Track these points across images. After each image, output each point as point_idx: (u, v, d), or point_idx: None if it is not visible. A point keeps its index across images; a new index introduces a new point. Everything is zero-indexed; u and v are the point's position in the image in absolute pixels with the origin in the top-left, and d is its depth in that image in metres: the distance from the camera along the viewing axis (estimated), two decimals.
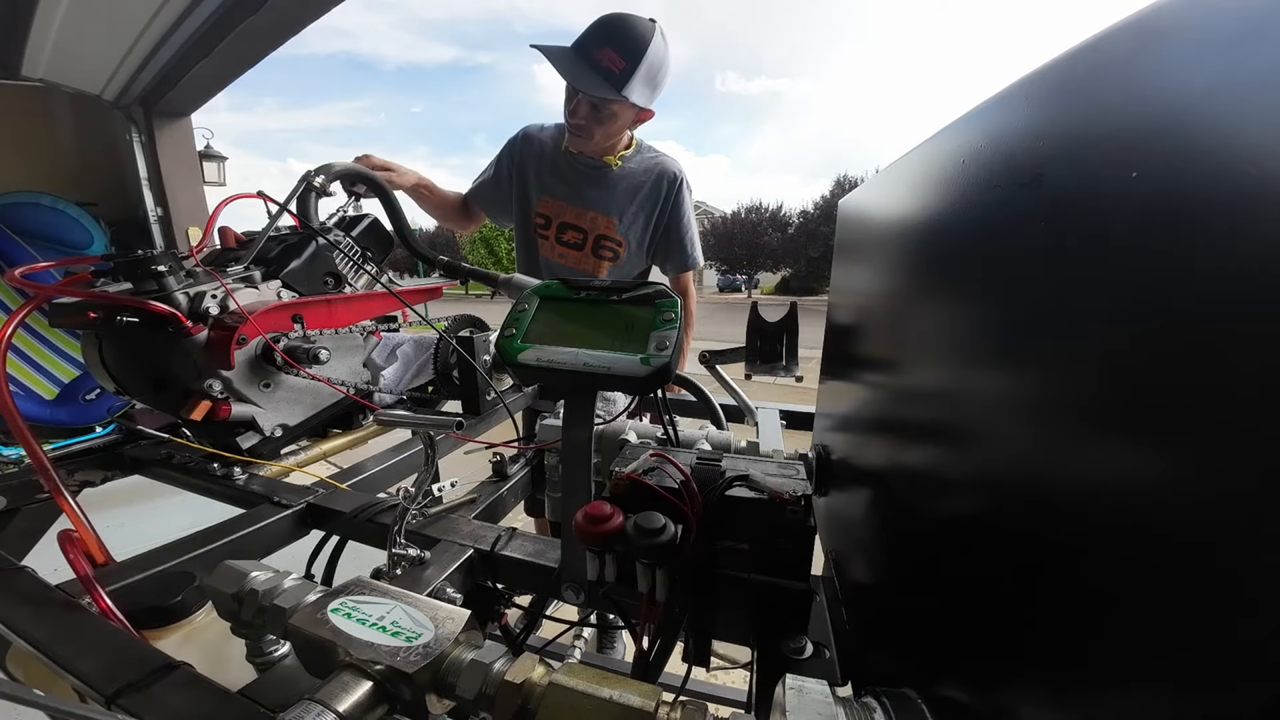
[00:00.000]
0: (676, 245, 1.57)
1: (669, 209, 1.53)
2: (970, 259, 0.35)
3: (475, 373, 1.02)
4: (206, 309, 0.77)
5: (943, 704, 0.31)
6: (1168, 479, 0.17)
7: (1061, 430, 0.23)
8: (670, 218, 1.54)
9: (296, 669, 0.47)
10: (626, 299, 0.55)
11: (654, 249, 1.58)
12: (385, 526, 0.61)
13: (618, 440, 0.82)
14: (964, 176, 0.37)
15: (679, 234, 1.56)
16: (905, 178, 0.53)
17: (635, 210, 1.51)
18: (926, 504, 0.38)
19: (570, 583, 0.57)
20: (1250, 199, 0.15)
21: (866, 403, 0.59)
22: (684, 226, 1.56)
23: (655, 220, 1.53)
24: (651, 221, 1.53)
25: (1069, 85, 0.26)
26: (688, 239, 1.58)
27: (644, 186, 1.50)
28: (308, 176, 1.03)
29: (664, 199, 1.51)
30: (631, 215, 1.51)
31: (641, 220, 1.52)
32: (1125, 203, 0.20)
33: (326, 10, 2.11)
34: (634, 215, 1.51)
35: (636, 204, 1.50)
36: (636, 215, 1.51)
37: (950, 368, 0.36)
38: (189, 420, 0.77)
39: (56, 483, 0.62)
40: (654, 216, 1.52)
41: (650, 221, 1.53)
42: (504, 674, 0.35)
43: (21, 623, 0.46)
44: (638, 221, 1.52)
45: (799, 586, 0.48)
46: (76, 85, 2.64)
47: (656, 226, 1.54)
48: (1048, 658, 0.22)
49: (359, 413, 1.04)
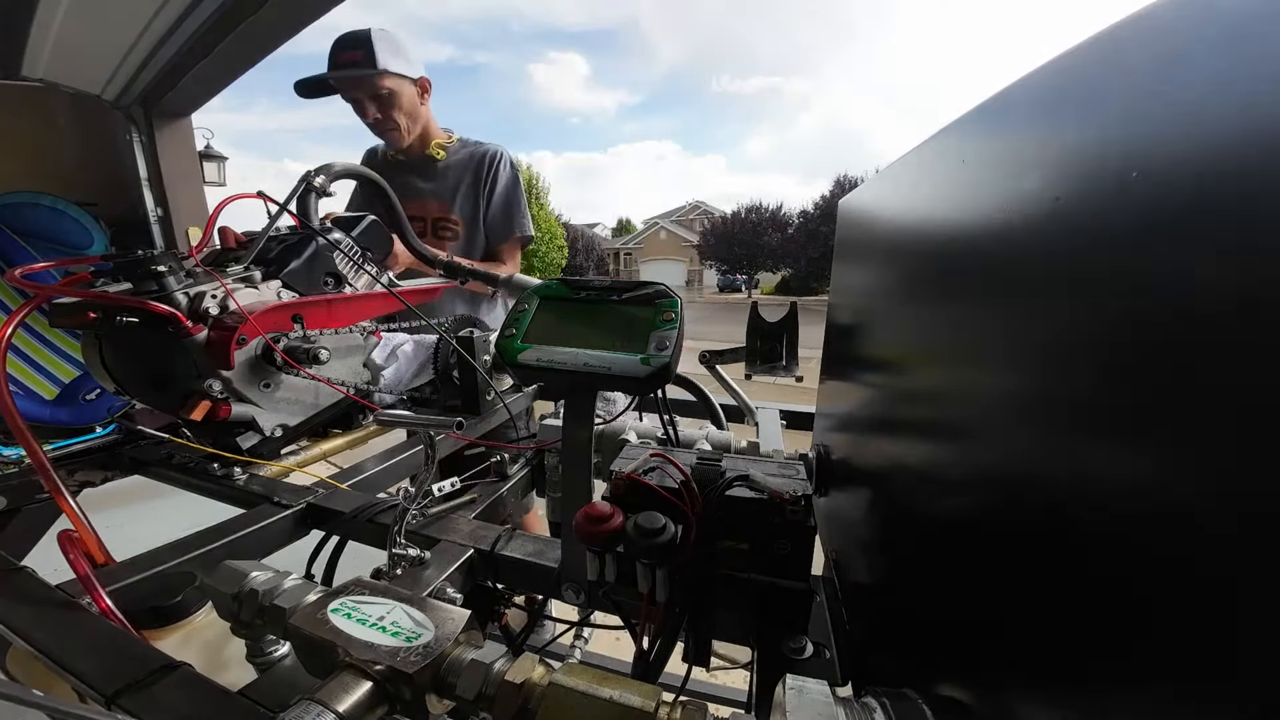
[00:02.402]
0: (498, 217, 1.72)
1: (491, 183, 1.70)
2: (970, 258, 0.34)
3: (475, 373, 1.02)
4: (206, 309, 0.77)
5: (943, 704, 0.31)
6: (1170, 479, 0.17)
7: (1062, 430, 0.23)
8: (491, 191, 1.71)
9: (296, 669, 0.47)
10: (626, 299, 0.55)
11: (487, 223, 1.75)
12: (385, 526, 0.60)
13: (618, 440, 0.82)
14: (964, 175, 0.37)
15: (500, 206, 1.72)
16: (906, 177, 0.53)
17: (465, 192, 1.70)
18: (927, 504, 0.38)
19: (570, 583, 0.57)
20: (1252, 199, 0.15)
21: (867, 403, 0.59)
22: (505, 199, 1.72)
23: (484, 197, 1.71)
24: (481, 198, 1.71)
25: (1069, 84, 0.26)
26: (509, 211, 1.73)
27: (469, 170, 1.70)
28: (308, 176, 1.03)
29: (486, 176, 1.69)
30: (463, 196, 1.70)
31: (471, 200, 1.71)
32: (1125, 202, 0.20)
33: (327, 10, 2.11)
34: (464, 196, 1.70)
35: (465, 187, 1.69)
36: (467, 196, 1.70)
37: (951, 367, 0.36)
38: (189, 420, 0.77)
39: (56, 483, 0.62)
40: (481, 194, 1.71)
41: (479, 199, 1.71)
42: (504, 674, 0.35)
43: (21, 623, 0.46)
44: (469, 201, 1.70)
45: (799, 586, 0.48)
46: (76, 85, 2.64)
47: (486, 202, 1.71)
48: (1048, 658, 0.22)
49: (359, 413, 1.04)
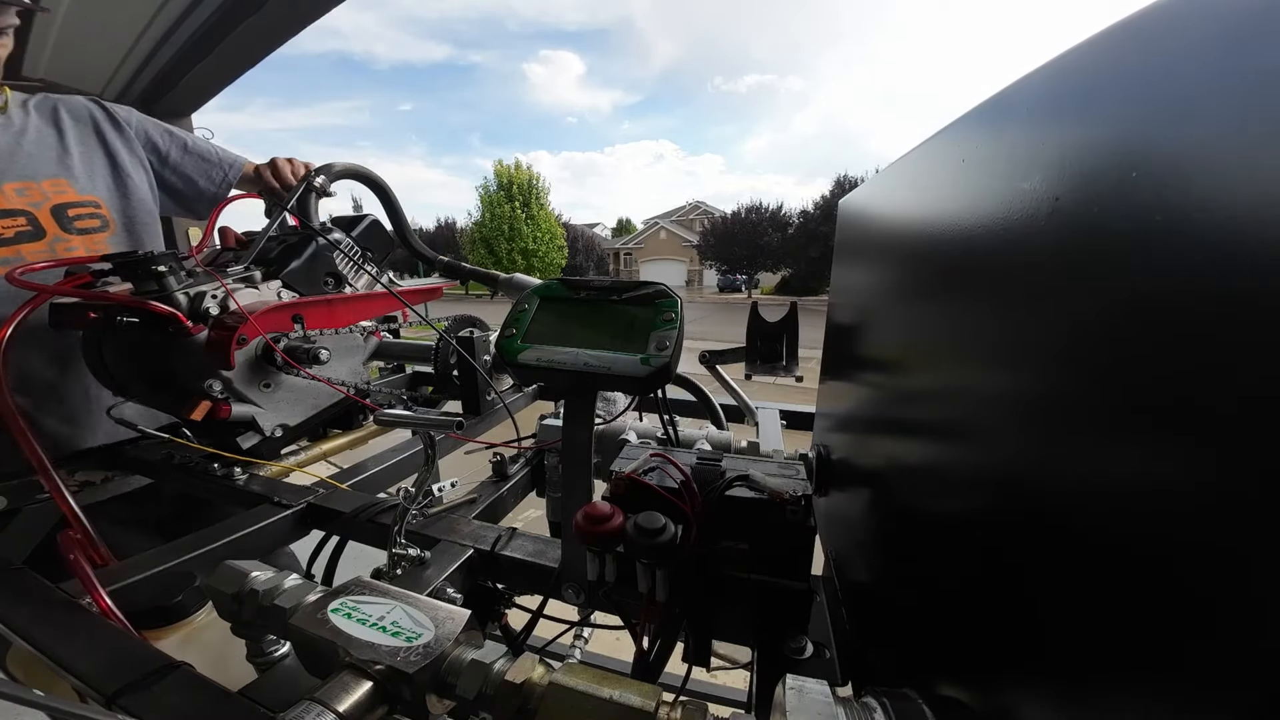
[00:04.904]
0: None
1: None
2: (970, 258, 0.34)
3: (475, 373, 1.02)
4: (207, 309, 0.77)
5: (943, 704, 0.31)
6: (1170, 479, 0.17)
7: (1062, 430, 0.23)
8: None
9: (296, 669, 0.47)
10: (626, 299, 0.55)
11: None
12: (385, 526, 0.60)
13: (618, 440, 0.82)
14: (964, 175, 0.37)
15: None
16: (906, 177, 0.53)
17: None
18: (927, 504, 0.38)
19: (570, 583, 0.57)
20: (1251, 198, 0.15)
21: (867, 403, 0.59)
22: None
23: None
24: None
25: (1069, 84, 0.26)
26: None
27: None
28: (308, 176, 1.03)
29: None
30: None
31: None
32: (1125, 202, 0.20)
33: (327, 10, 2.10)
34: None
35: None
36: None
37: (951, 367, 0.36)
38: (189, 420, 0.77)
39: (57, 483, 0.62)
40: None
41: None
42: (504, 674, 0.35)
43: (21, 623, 0.47)
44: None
45: (799, 586, 0.48)
46: (76, 85, 2.64)
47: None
48: (1049, 658, 0.22)
49: (359, 413, 1.04)
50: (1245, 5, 0.16)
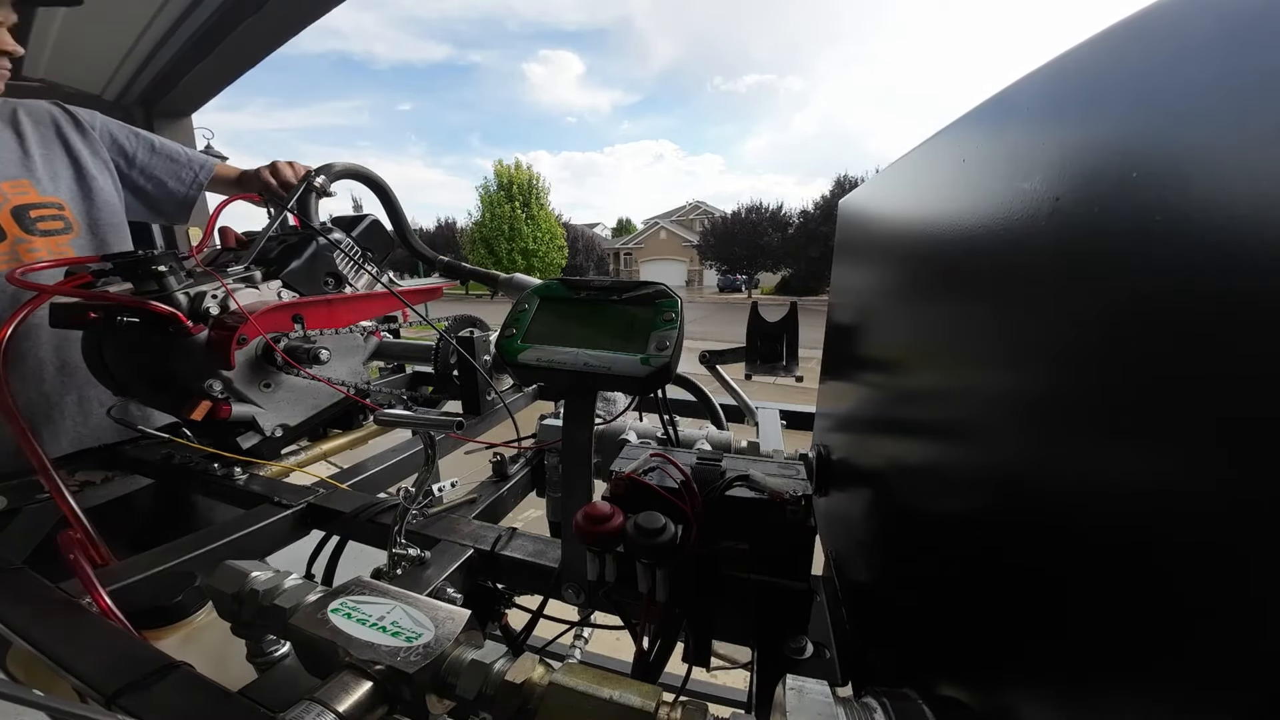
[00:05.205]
0: None
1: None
2: (971, 258, 0.34)
3: (475, 373, 1.02)
4: (207, 309, 0.77)
5: (943, 704, 0.31)
6: (1170, 479, 0.17)
7: (1062, 430, 0.23)
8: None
9: (296, 669, 0.47)
10: (626, 299, 0.55)
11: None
12: (385, 526, 0.60)
13: (618, 440, 0.82)
14: (964, 175, 0.37)
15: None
16: (906, 177, 0.53)
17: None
18: (927, 504, 0.38)
19: (570, 583, 0.57)
20: (1251, 198, 0.15)
21: (867, 403, 0.59)
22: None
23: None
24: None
25: (1069, 84, 0.26)
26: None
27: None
28: (308, 176, 1.03)
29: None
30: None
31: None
32: (1125, 202, 0.20)
33: (327, 10, 2.11)
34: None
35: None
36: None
37: (951, 367, 0.36)
38: (189, 420, 0.77)
39: (57, 482, 0.62)
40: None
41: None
42: (504, 674, 0.35)
43: (21, 623, 0.46)
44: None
45: (799, 586, 0.48)
46: (76, 85, 2.64)
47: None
48: (1049, 658, 0.22)
49: (359, 413, 1.04)
50: (1245, 5, 0.16)
